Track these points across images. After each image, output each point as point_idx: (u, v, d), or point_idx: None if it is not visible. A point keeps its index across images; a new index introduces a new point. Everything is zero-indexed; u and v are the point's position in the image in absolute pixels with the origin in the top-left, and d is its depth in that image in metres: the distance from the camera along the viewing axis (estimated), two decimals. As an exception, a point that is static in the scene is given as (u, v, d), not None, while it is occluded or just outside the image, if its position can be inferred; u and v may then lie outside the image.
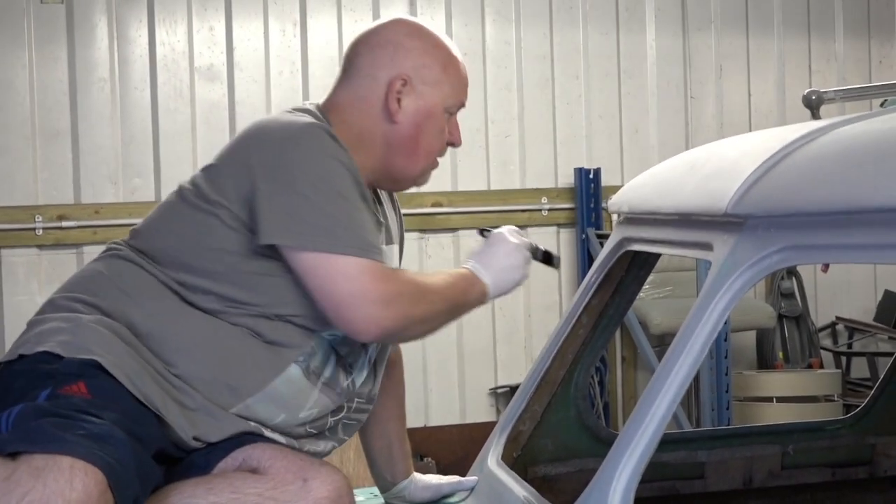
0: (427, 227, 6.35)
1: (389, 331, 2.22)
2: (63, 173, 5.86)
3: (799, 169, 1.80)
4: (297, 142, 2.25)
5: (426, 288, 2.29)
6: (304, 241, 2.19)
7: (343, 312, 2.19)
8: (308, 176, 2.21)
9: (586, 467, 2.68)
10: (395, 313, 2.20)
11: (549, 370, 2.66)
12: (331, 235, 2.18)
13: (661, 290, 6.53)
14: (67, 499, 1.80)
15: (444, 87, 2.45)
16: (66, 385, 2.01)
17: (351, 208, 2.24)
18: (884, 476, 3.00)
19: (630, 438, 1.80)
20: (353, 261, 2.18)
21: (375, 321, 2.18)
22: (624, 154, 6.79)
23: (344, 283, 2.18)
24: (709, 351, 5.18)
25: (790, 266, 5.22)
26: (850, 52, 7.25)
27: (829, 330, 7.17)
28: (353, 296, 2.17)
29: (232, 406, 2.23)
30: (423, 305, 2.26)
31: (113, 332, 2.15)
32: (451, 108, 2.48)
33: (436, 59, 2.45)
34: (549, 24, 6.65)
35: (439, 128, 2.47)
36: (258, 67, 6.15)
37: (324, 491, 2.13)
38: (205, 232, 2.27)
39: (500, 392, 6.48)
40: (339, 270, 2.18)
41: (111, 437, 1.91)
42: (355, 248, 2.19)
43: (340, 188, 2.23)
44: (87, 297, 2.25)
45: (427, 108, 2.43)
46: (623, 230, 2.52)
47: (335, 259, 2.18)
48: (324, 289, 2.19)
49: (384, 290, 2.19)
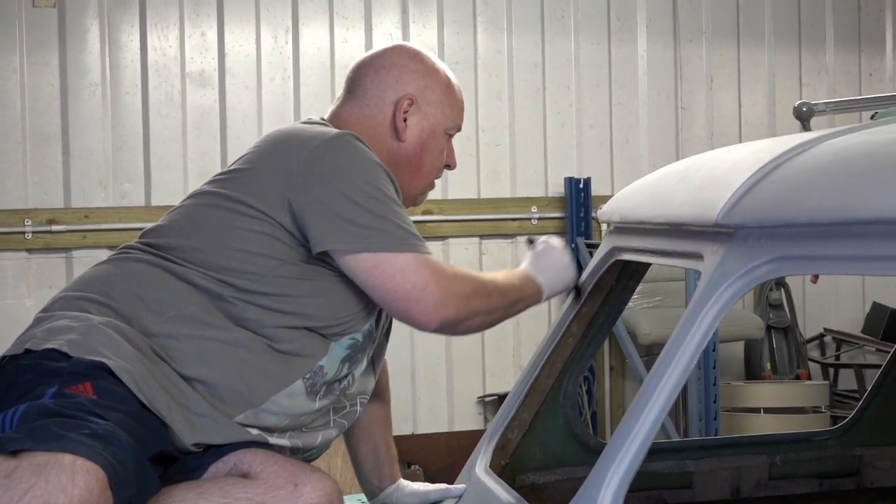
0: (417, 235, 6.34)
1: (450, 320, 2.30)
2: (53, 177, 5.85)
3: (789, 180, 1.80)
4: (337, 148, 2.33)
5: (483, 282, 2.39)
6: (360, 244, 2.27)
7: (407, 306, 2.28)
8: (354, 180, 2.29)
9: (574, 476, 2.68)
10: (456, 304, 2.29)
11: (537, 378, 2.66)
12: (385, 235, 2.28)
13: (650, 300, 6.53)
14: (69, 495, 1.80)
15: (446, 108, 2.57)
16: (73, 385, 2.01)
17: (396, 206, 2.33)
18: (871, 487, 3.00)
19: (619, 448, 1.80)
20: (410, 256, 2.28)
21: (437, 312, 2.27)
22: (614, 164, 6.80)
23: (405, 278, 2.27)
24: (697, 361, 5.20)
25: (780, 277, 5.21)
26: (841, 65, 7.27)
27: (817, 341, 7.18)
28: (416, 288, 2.26)
29: (237, 414, 2.24)
30: (482, 297, 2.36)
31: (122, 335, 2.16)
32: (451, 130, 2.59)
33: (438, 82, 2.57)
34: (540, 34, 6.66)
35: (441, 147, 2.58)
36: (250, 73, 6.15)
37: (314, 496, 2.13)
38: (242, 236, 2.30)
39: (489, 400, 6.48)
40: (398, 267, 2.27)
41: (114, 438, 1.91)
42: (409, 245, 2.29)
43: (385, 189, 2.32)
44: (100, 297, 2.26)
45: (431, 128, 2.55)
46: (613, 239, 2.52)
47: (393, 257, 2.27)
48: (386, 286, 2.27)
49: (443, 283, 2.28)
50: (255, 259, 2.29)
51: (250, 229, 2.30)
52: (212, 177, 2.48)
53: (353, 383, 2.45)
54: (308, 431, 2.40)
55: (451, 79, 2.61)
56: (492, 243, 6.54)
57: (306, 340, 2.31)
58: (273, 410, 2.28)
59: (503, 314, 2.46)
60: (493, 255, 6.53)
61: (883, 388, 3.02)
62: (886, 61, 7.38)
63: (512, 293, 2.47)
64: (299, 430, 2.37)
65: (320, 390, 2.36)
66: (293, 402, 2.31)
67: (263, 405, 2.26)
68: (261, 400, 2.26)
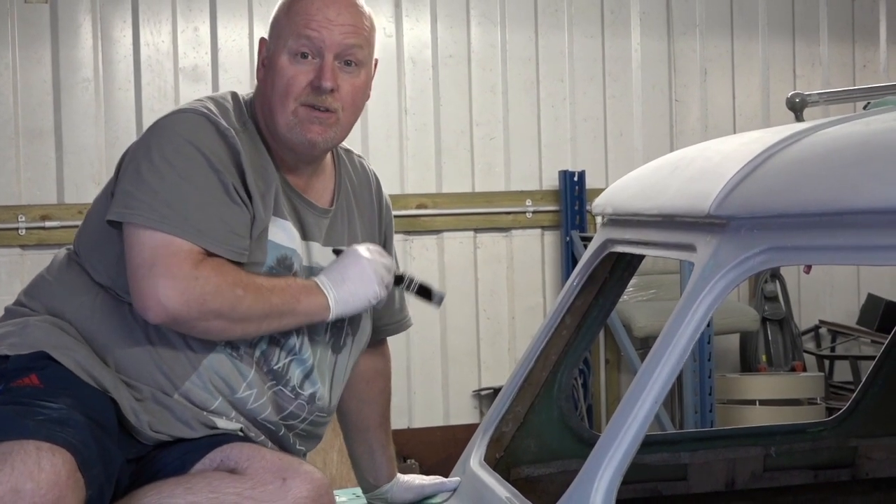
0: (411, 229, 6.34)
1: (175, 313, 2.12)
2: (47, 173, 5.84)
3: (782, 170, 1.80)
4: (161, 128, 2.27)
5: (242, 284, 2.18)
6: (127, 215, 2.17)
7: (133, 283, 2.15)
8: (153, 159, 2.20)
9: (569, 468, 2.68)
10: (187, 297, 2.11)
11: (532, 371, 2.66)
12: (150, 210, 2.15)
13: (644, 293, 6.54)
14: (37, 479, 1.81)
15: (284, 30, 2.37)
16: (18, 379, 2.04)
17: (189, 191, 2.19)
18: (866, 478, 3.00)
19: (612, 439, 1.80)
20: (164, 236, 2.14)
21: (161, 298, 2.11)
22: (608, 157, 6.80)
23: (141, 253, 2.14)
24: (692, 354, 5.21)
25: (773, 267, 5.22)
26: (835, 56, 7.27)
27: (812, 333, 7.19)
28: (145, 266, 2.13)
29: (172, 393, 2.23)
30: (228, 299, 2.15)
31: (59, 328, 2.19)
32: (298, 48, 2.33)
33: (282, 10, 2.41)
34: (534, 28, 6.65)
35: (288, 68, 2.33)
36: (242, 68, 6.13)
37: (303, 490, 2.13)
38: (99, 216, 2.30)
39: (484, 394, 6.48)
40: (144, 242, 2.14)
41: (70, 420, 1.93)
42: (174, 227, 2.14)
43: (183, 171, 2.20)
44: (28, 300, 2.32)
45: (272, 58, 2.36)
46: (607, 232, 2.52)
47: (146, 232, 2.15)
48: (127, 258, 2.17)
49: (185, 271, 2.13)
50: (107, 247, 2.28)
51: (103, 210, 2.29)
52: None
53: (304, 391, 2.37)
54: (254, 409, 2.32)
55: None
56: (486, 237, 6.54)
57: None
58: (203, 379, 2.25)
59: (263, 323, 2.23)
60: (487, 248, 6.53)
61: (878, 379, 3.02)
62: (880, 53, 7.37)
63: (281, 304, 2.23)
64: (244, 410, 2.31)
65: (252, 353, 2.30)
66: (223, 368, 2.26)
67: (192, 377, 2.24)
68: (187, 373, 2.24)
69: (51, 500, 1.81)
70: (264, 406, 2.32)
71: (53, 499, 1.82)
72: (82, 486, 1.88)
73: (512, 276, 6.59)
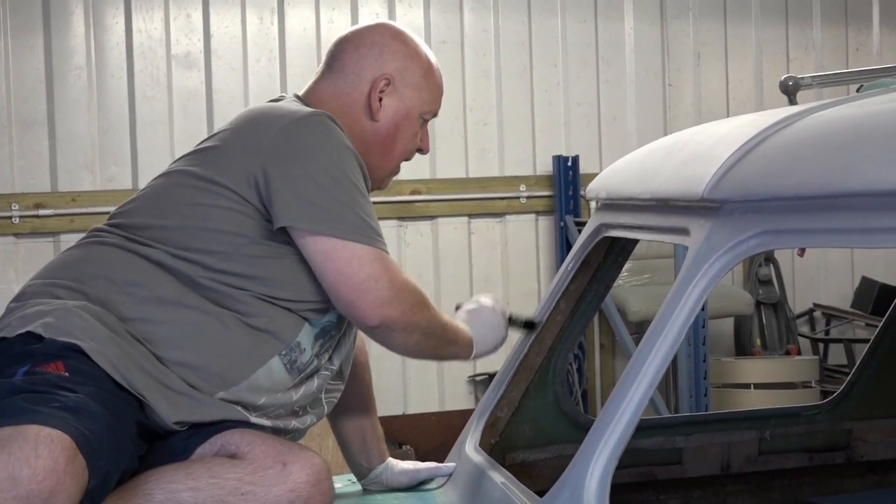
0: (406, 215, 6.34)
1: (391, 321, 2.26)
2: (40, 161, 5.83)
3: (775, 153, 1.80)
4: (308, 128, 2.31)
5: (430, 304, 2.35)
6: (319, 225, 2.24)
7: (356, 295, 2.25)
8: (321, 162, 2.27)
9: (564, 453, 2.68)
10: (401, 306, 2.26)
11: (526, 356, 2.66)
12: (346, 222, 2.25)
13: (639, 278, 6.54)
14: (33, 466, 1.79)
15: (424, 92, 2.53)
16: (44, 364, 2.01)
17: (360, 196, 2.30)
18: (860, 461, 3.01)
19: (607, 424, 1.80)
20: (368, 248, 2.25)
21: (383, 308, 2.24)
22: (602, 142, 6.79)
23: (361, 267, 2.24)
24: (686, 338, 5.21)
25: (767, 251, 5.22)
26: (828, 40, 7.27)
27: (806, 317, 7.19)
28: (369, 279, 2.24)
29: (216, 393, 2.23)
30: (426, 313, 2.32)
31: (98, 318, 2.15)
32: (426, 115, 2.56)
33: (418, 65, 2.53)
34: (527, 12, 6.64)
35: (414, 130, 2.55)
36: (236, 55, 6.12)
37: (303, 475, 2.14)
38: (210, 214, 2.29)
39: (479, 380, 6.48)
40: (355, 254, 2.24)
41: (84, 409, 1.91)
42: (367, 237, 2.26)
43: (351, 176, 2.30)
44: (71, 283, 2.26)
45: (406, 110, 2.51)
46: (601, 216, 2.52)
47: (351, 245, 2.25)
48: (340, 271, 2.25)
49: (396, 283, 2.26)
50: (222, 237, 2.28)
51: (217, 206, 2.29)
52: (182, 154, 2.47)
53: (334, 365, 2.44)
54: (287, 415, 2.38)
55: (431, 62, 2.57)
56: (480, 222, 6.53)
57: (279, 316, 2.30)
58: (252, 388, 2.27)
59: (436, 347, 2.42)
60: (481, 234, 6.53)
61: (872, 361, 3.03)
62: (873, 36, 7.37)
63: (450, 332, 2.44)
64: (280, 412, 2.36)
65: (304, 370, 2.35)
66: (272, 379, 2.30)
67: (243, 383, 2.25)
68: (240, 378, 2.25)
69: (47, 488, 1.80)
70: (303, 396, 2.40)
71: (50, 486, 1.80)
72: (84, 473, 1.86)
73: (506, 262, 6.58)
